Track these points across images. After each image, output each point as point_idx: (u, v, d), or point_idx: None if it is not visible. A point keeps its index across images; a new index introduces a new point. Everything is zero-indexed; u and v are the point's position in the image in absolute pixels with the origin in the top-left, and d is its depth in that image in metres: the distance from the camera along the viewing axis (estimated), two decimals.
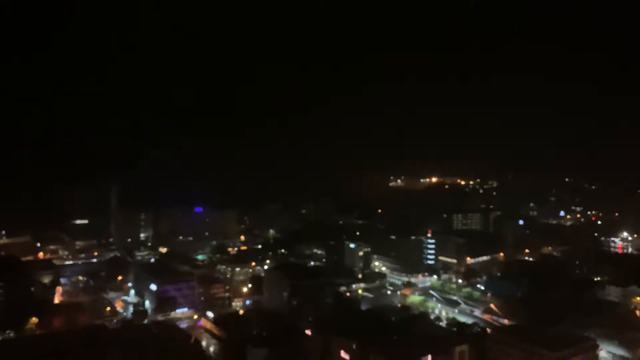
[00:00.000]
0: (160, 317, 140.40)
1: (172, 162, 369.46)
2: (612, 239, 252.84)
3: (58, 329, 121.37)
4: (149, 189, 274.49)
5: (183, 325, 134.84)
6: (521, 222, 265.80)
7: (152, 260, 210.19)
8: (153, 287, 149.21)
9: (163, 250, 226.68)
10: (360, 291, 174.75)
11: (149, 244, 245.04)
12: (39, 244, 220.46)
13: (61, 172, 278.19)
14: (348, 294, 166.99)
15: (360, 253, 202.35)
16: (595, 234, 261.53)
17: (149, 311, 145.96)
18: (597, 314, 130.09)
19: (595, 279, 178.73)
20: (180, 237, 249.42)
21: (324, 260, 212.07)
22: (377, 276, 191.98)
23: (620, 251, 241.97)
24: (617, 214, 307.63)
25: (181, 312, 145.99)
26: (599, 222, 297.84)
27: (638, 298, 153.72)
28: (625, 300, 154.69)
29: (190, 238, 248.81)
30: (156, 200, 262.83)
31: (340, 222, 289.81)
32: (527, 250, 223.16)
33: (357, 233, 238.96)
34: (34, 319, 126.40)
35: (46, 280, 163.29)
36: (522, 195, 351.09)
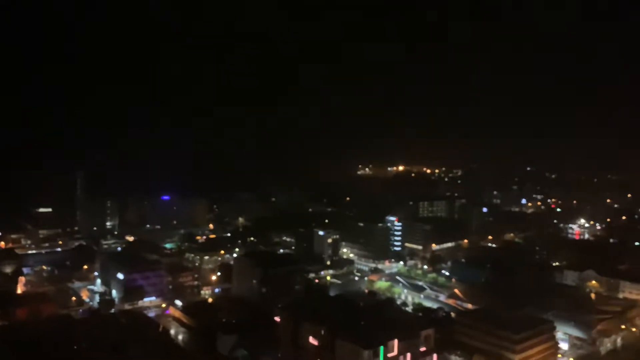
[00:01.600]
0: (127, 306, 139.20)
1: (141, 150, 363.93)
2: (570, 225, 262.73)
3: (22, 320, 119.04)
4: (116, 176, 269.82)
5: (151, 314, 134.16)
6: (485, 209, 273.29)
7: (119, 249, 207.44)
8: (120, 276, 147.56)
9: (130, 238, 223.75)
10: (328, 278, 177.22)
11: (116, 233, 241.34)
12: (0, 233, 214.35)
13: (25, 161, 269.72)
14: (317, 280, 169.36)
15: (329, 240, 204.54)
16: (555, 221, 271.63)
17: (116, 300, 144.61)
18: (556, 298, 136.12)
19: (554, 264, 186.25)
20: (148, 226, 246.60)
21: (293, 247, 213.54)
22: (345, 263, 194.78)
23: (577, 237, 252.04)
24: (574, 202, 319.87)
25: (149, 300, 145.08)
26: (558, 210, 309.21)
27: (593, 282, 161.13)
28: (581, 283, 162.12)
29: (158, 226, 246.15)
30: (123, 188, 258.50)
31: (310, 210, 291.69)
32: (490, 237, 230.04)
33: (327, 220, 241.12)
34: None
35: (8, 270, 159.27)
36: (486, 184, 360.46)
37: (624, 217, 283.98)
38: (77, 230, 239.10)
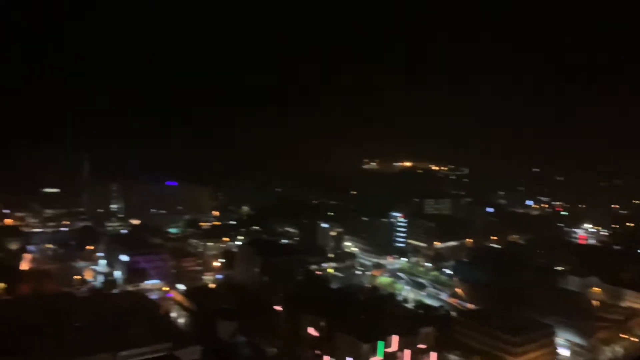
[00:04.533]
0: (130, 288, 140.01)
1: (148, 135, 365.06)
2: (575, 229, 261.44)
3: (25, 295, 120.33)
4: (123, 160, 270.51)
5: (153, 296, 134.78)
6: (490, 209, 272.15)
7: (124, 231, 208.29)
8: (124, 257, 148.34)
9: (135, 222, 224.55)
10: (330, 270, 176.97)
11: (121, 216, 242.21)
12: (7, 211, 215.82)
13: (33, 141, 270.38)
14: (319, 272, 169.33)
15: (333, 233, 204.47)
16: (560, 224, 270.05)
17: (119, 281, 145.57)
18: (557, 302, 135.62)
19: (557, 268, 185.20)
20: (153, 210, 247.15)
21: (296, 238, 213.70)
22: (347, 256, 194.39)
23: (581, 242, 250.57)
24: (581, 206, 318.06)
25: (151, 283, 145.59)
26: (564, 213, 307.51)
27: (596, 288, 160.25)
28: (583, 290, 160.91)
29: (163, 211, 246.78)
30: (129, 171, 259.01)
31: (314, 201, 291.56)
32: (494, 237, 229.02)
33: (330, 213, 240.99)
34: (1, 285, 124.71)
35: (13, 247, 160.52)
36: (492, 184, 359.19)
37: (629, 224, 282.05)
38: (83, 212, 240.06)
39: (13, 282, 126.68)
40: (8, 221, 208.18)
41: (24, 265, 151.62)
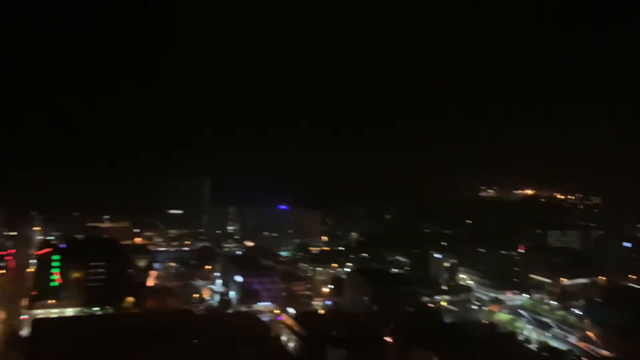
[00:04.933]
0: (243, 308, 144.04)
1: (261, 161, 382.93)
2: None
3: (151, 310, 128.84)
4: (238, 184, 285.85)
5: (265, 318, 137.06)
6: (627, 244, 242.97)
7: (239, 252, 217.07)
8: (239, 278, 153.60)
9: (249, 244, 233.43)
10: (444, 303, 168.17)
11: (236, 237, 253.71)
12: (137, 230, 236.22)
13: (161, 165, 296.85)
14: (431, 305, 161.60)
15: (446, 264, 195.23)
16: None
17: (234, 301, 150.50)
18: None
19: None
20: (265, 233, 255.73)
21: (406, 268, 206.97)
22: (462, 289, 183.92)
23: None
24: None
25: (263, 305, 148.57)
26: None
27: None
28: None
29: (275, 234, 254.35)
30: (244, 196, 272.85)
31: (426, 230, 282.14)
32: (633, 276, 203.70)
33: (444, 243, 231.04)
34: (131, 299, 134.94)
35: (142, 264, 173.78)
36: (629, 215, 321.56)
37: None
38: (203, 233, 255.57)
39: (141, 297, 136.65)
40: (138, 240, 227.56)
41: (150, 282, 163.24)
